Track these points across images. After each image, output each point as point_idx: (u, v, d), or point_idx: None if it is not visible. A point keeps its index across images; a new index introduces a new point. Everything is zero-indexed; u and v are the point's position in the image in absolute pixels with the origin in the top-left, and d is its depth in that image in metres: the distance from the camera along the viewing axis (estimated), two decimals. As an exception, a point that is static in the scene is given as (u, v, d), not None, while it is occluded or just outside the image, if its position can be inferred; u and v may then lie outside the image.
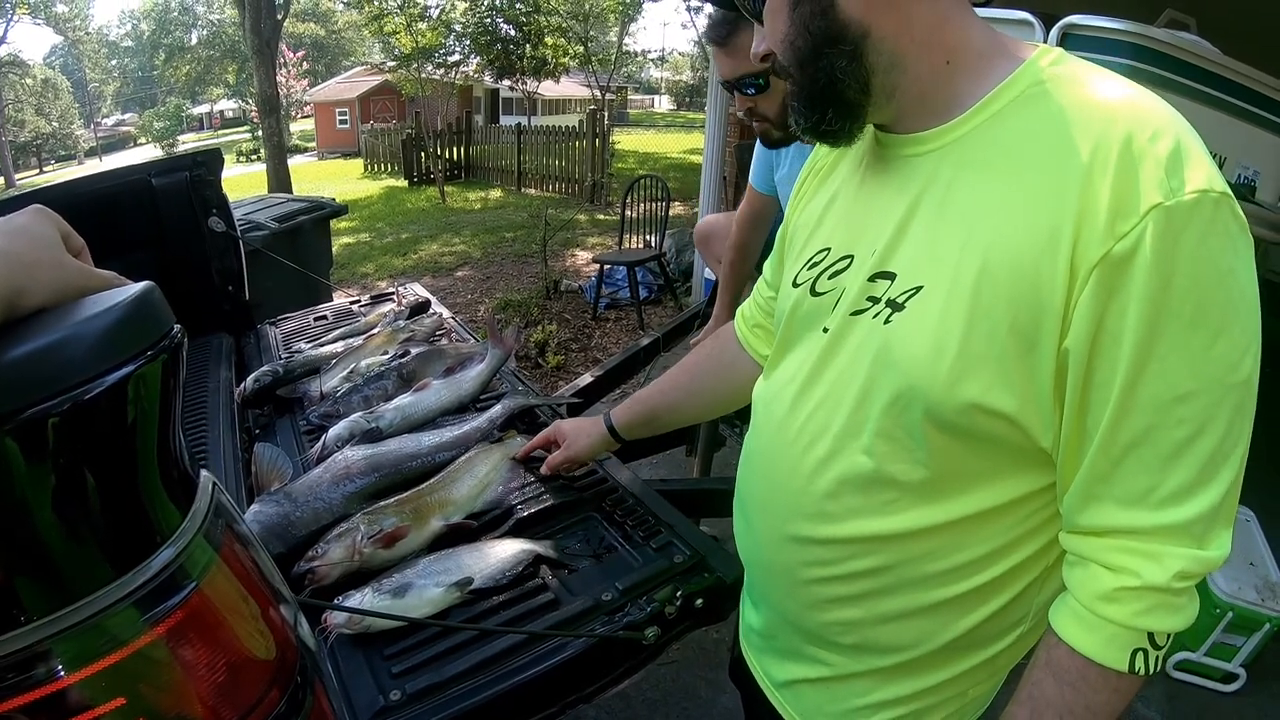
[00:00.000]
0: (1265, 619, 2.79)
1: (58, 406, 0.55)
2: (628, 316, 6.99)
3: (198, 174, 2.81)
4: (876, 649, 1.03)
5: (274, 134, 16.19)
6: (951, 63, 0.89)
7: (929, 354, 0.85)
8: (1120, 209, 0.74)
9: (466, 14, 19.74)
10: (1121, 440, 0.80)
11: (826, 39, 0.88)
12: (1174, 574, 0.80)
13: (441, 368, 2.16)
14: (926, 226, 0.89)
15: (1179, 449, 0.78)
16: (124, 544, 0.63)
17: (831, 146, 1.02)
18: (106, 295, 0.63)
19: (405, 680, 1.21)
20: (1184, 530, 0.80)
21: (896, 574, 0.97)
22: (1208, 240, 0.73)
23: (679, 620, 1.40)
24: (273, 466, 1.67)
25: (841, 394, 0.97)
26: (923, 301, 0.87)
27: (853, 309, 0.95)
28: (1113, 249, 0.74)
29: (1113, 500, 0.82)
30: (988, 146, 0.86)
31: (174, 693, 0.65)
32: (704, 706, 2.71)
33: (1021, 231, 0.80)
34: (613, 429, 1.61)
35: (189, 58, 53.81)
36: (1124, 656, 0.82)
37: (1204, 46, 2.78)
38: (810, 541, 1.02)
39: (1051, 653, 0.88)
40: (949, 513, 0.93)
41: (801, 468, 1.01)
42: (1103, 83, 0.83)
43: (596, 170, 13.74)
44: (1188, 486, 0.79)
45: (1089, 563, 0.85)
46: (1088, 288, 0.76)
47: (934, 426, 0.88)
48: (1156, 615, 0.81)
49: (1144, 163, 0.74)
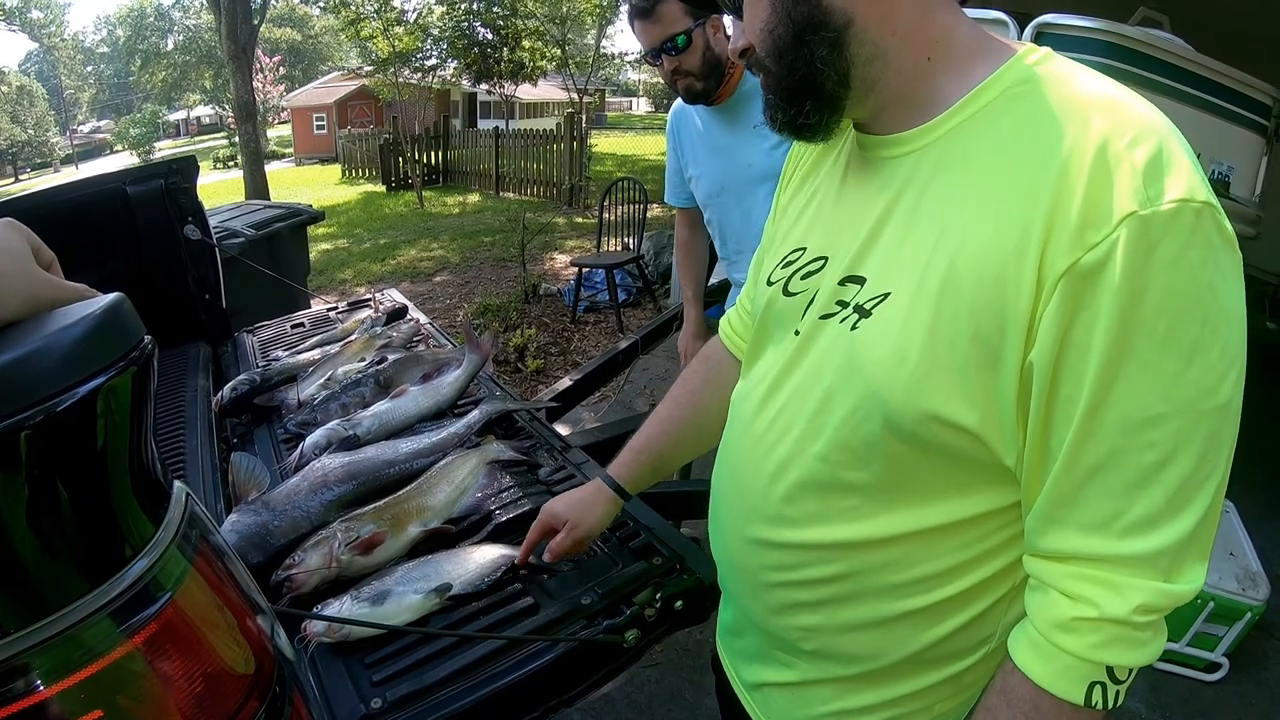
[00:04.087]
0: (1246, 608, 2.81)
1: (29, 419, 0.55)
2: (607, 319, 7.00)
3: (173, 182, 2.80)
4: (838, 657, 1.01)
5: (251, 140, 16.12)
6: (933, 58, 0.86)
7: (890, 361, 0.83)
8: (1091, 217, 0.70)
9: (443, 18, 19.68)
10: (1085, 462, 0.76)
11: (809, 25, 0.85)
12: (1135, 607, 0.75)
13: (419, 374, 2.16)
14: (899, 231, 0.87)
15: (1146, 475, 0.74)
16: (98, 556, 0.63)
17: (808, 142, 1.00)
18: (76, 307, 0.63)
19: (386, 688, 1.21)
20: (1148, 562, 0.76)
21: (856, 582, 0.95)
22: (1186, 253, 0.69)
23: (659, 622, 1.41)
24: (250, 476, 1.67)
25: (804, 398, 0.95)
26: (889, 308, 0.84)
27: (822, 313, 0.93)
28: (1081, 259, 0.70)
29: (1075, 525, 0.79)
30: (964, 148, 0.83)
31: (151, 704, 0.65)
32: (688, 708, 2.72)
33: (990, 238, 0.76)
34: (618, 488, 1.41)
35: (165, 64, 53.52)
36: (1079, 690, 0.79)
37: (1177, 44, 2.81)
38: (770, 545, 1.01)
39: (1007, 679, 0.85)
40: (909, 523, 0.90)
41: (763, 470, 1.00)
42: (1087, 84, 0.79)
43: (574, 173, 13.72)
44: (1154, 516, 0.75)
45: (1049, 589, 0.82)
46: (1054, 299, 0.72)
47: (894, 436, 0.85)
48: (1115, 649, 0.77)
49: (1120, 169, 0.70)
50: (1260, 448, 3.93)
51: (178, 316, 2.85)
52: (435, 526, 1.56)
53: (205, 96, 58.01)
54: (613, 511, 1.42)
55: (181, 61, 53.05)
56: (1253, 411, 0.81)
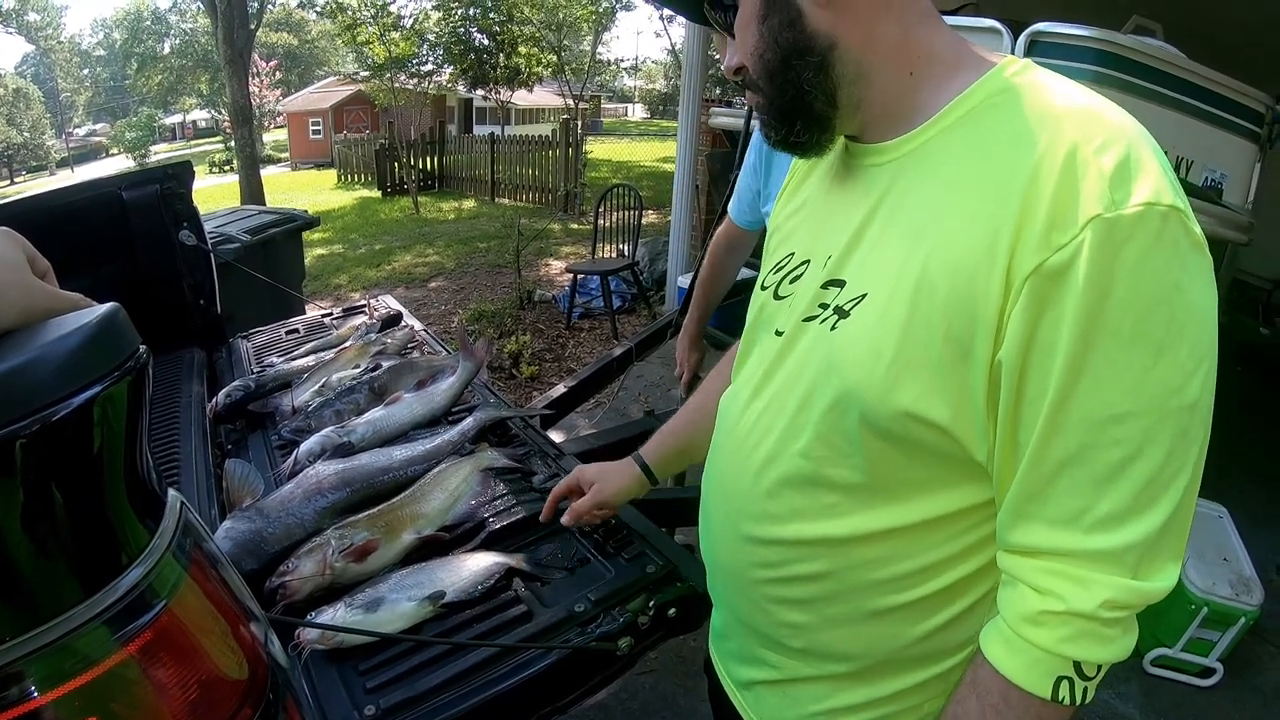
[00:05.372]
0: (1240, 613, 2.83)
1: (25, 428, 0.55)
2: (601, 326, 7.00)
3: (168, 187, 2.79)
4: (824, 654, 1.02)
5: (247, 144, 16.11)
6: (915, 74, 0.89)
7: (866, 359, 0.85)
8: (1058, 220, 0.73)
9: (440, 23, 19.72)
10: (1053, 458, 0.78)
11: (795, 50, 0.89)
12: (1101, 602, 0.77)
13: (413, 381, 2.16)
14: (878, 235, 0.90)
15: (1113, 471, 0.76)
16: (93, 564, 0.63)
17: (802, 158, 1.04)
18: (72, 317, 0.64)
19: (379, 695, 1.21)
20: (1115, 557, 0.77)
21: (840, 579, 0.96)
22: (1151, 255, 0.71)
23: (652, 630, 1.41)
24: (244, 482, 1.67)
25: (787, 397, 0.98)
26: (865, 309, 0.87)
27: (805, 315, 0.97)
28: (1047, 260, 0.73)
29: (1043, 520, 0.80)
30: (941, 156, 0.86)
31: (146, 711, 0.66)
32: (683, 715, 2.72)
33: (962, 240, 0.79)
34: (646, 468, 1.52)
35: (161, 67, 53.37)
36: (1046, 683, 0.80)
37: (1170, 52, 2.83)
38: (756, 541, 1.03)
39: (977, 671, 0.87)
40: (891, 519, 0.91)
41: (748, 467, 1.02)
42: (1062, 92, 0.82)
43: (570, 179, 13.73)
44: (1121, 512, 0.76)
45: (1018, 583, 0.83)
46: (1021, 299, 0.74)
47: (870, 433, 0.88)
48: (1082, 644, 0.79)
49: (1087, 173, 0.73)
50: (1254, 454, 3.97)
51: (172, 322, 2.84)
52: (429, 534, 1.56)
53: (201, 101, 57.78)
54: (637, 488, 1.54)
55: (178, 65, 52.92)
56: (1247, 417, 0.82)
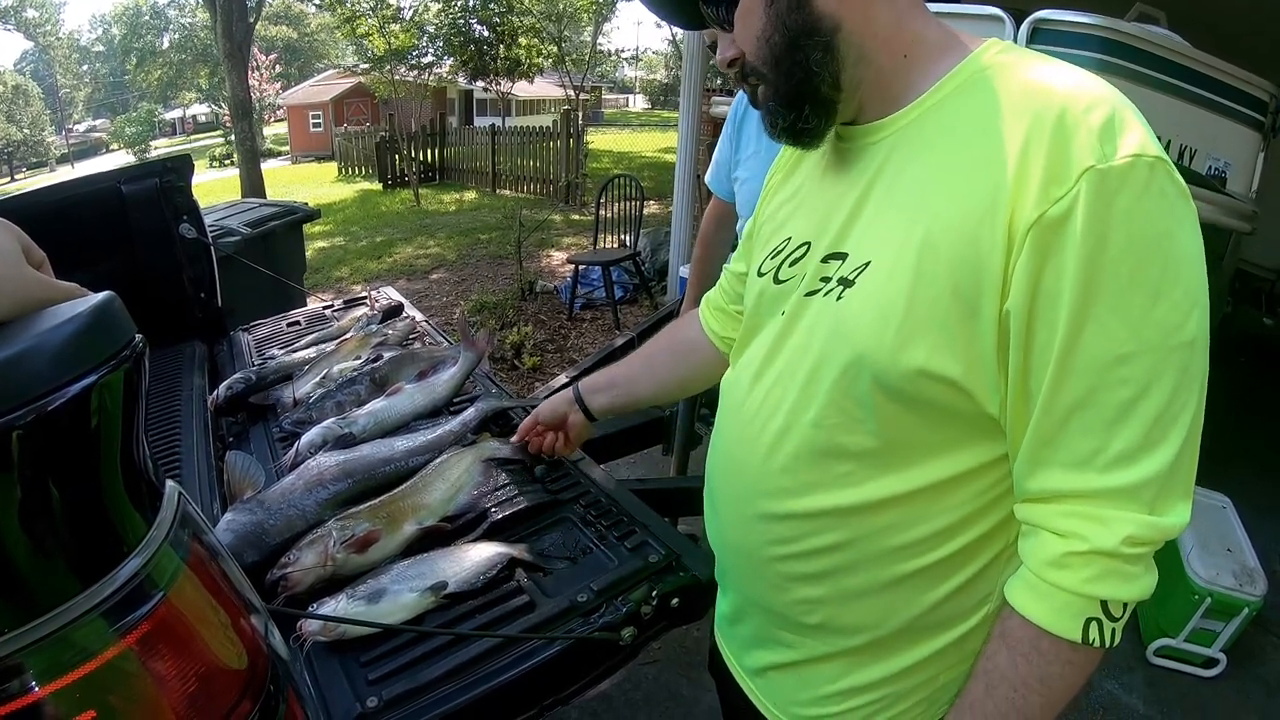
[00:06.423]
0: (1243, 604, 2.83)
1: (21, 418, 0.55)
2: (603, 316, 7.01)
3: (168, 180, 2.78)
4: (842, 628, 1.04)
5: (247, 138, 16.07)
6: (909, 56, 0.93)
7: (875, 323, 0.88)
8: (1054, 174, 0.76)
9: (440, 15, 19.65)
10: (1064, 402, 0.80)
11: (803, 31, 0.91)
12: (1123, 538, 0.79)
13: (414, 372, 2.15)
14: (877, 207, 0.93)
15: (1123, 410, 0.79)
16: (90, 555, 0.63)
17: (804, 149, 1.05)
18: (66, 306, 0.64)
19: (382, 686, 1.21)
20: (1132, 494, 0.80)
21: (857, 549, 0.98)
22: (1142, 202, 0.75)
23: (655, 620, 1.40)
24: (245, 474, 1.66)
25: (794, 370, 0.99)
26: (871, 275, 0.90)
27: (807, 290, 0.99)
28: (1047, 212, 0.76)
29: (1058, 464, 0.83)
30: (934, 128, 0.90)
31: (145, 704, 0.65)
32: (686, 706, 2.72)
33: (962, 202, 0.82)
34: (578, 393, 1.65)
35: (160, 62, 53.33)
36: (1076, 626, 0.82)
37: (1174, 40, 2.81)
38: (771, 518, 1.04)
39: (1005, 624, 0.89)
40: (905, 484, 0.93)
41: (759, 445, 1.03)
42: (1044, 67, 0.86)
43: (571, 170, 13.73)
44: (1134, 449, 0.79)
45: (1039, 530, 0.86)
46: (1024, 250, 0.78)
47: (883, 395, 0.90)
48: (1108, 582, 0.81)
49: (1078, 131, 0.77)
50: (1258, 444, 3.97)
51: (173, 315, 2.84)
52: (431, 524, 1.55)
53: (201, 95, 57.87)
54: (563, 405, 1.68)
55: (177, 60, 52.85)
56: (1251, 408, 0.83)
